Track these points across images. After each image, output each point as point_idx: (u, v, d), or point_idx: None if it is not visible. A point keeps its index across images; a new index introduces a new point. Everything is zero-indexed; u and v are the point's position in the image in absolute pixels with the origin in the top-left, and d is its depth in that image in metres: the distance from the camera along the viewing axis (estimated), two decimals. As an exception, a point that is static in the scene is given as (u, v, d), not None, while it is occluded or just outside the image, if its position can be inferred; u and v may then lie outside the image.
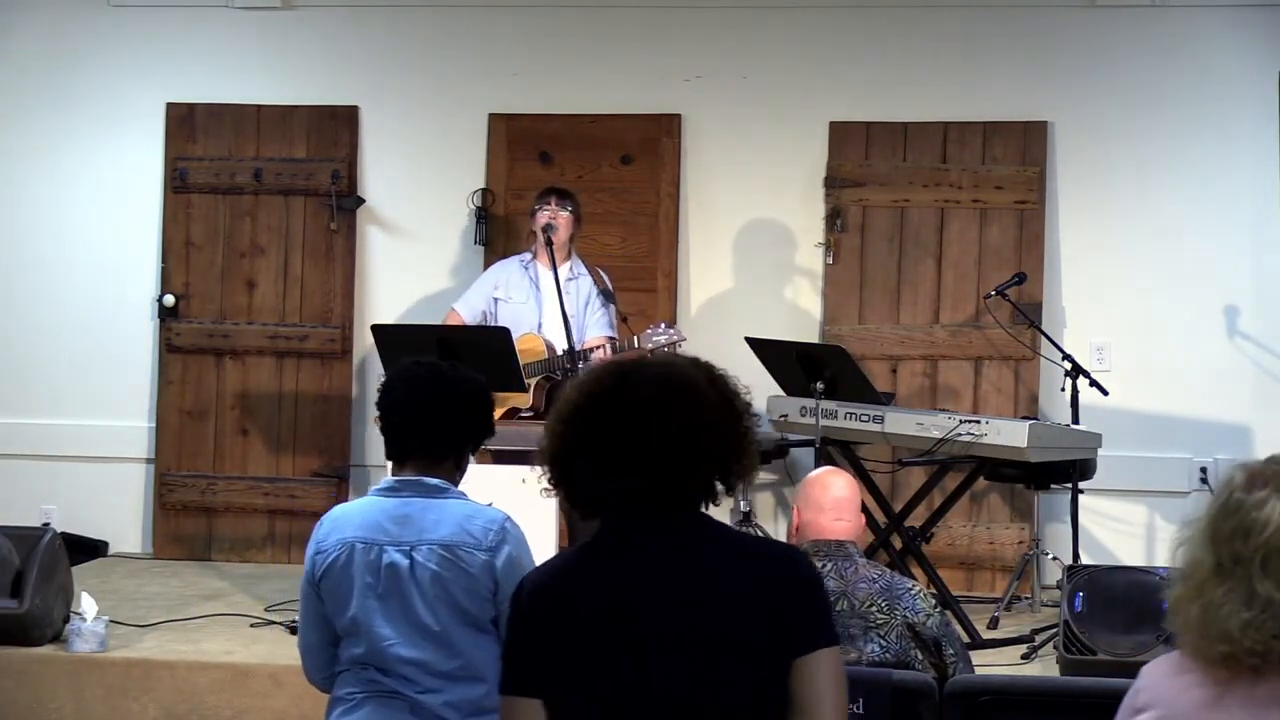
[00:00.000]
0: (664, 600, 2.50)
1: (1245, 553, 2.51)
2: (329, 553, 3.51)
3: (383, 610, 3.45)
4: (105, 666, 5.89)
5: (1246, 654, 2.49)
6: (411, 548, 3.46)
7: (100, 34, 8.13)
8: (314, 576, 3.53)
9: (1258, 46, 7.51)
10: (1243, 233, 7.55)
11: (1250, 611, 2.49)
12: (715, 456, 2.59)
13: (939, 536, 7.22)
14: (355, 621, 3.48)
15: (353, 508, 3.59)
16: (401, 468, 3.57)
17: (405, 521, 3.49)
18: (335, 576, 3.50)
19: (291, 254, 8.03)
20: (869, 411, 6.62)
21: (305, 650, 3.64)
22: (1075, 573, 5.74)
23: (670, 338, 6.57)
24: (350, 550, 3.49)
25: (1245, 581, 2.50)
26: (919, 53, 7.74)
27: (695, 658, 2.48)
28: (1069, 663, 5.58)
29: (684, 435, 2.54)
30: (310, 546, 3.57)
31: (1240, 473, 2.58)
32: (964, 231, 7.66)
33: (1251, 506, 2.52)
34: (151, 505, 8.07)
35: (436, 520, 3.48)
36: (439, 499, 3.51)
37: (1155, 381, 7.55)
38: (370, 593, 3.47)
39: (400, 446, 3.57)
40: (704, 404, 2.57)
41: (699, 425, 2.56)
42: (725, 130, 7.85)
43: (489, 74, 7.96)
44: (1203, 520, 2.59)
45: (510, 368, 6.19)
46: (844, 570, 4.13)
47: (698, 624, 2.48)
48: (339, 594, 3.50)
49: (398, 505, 3.51)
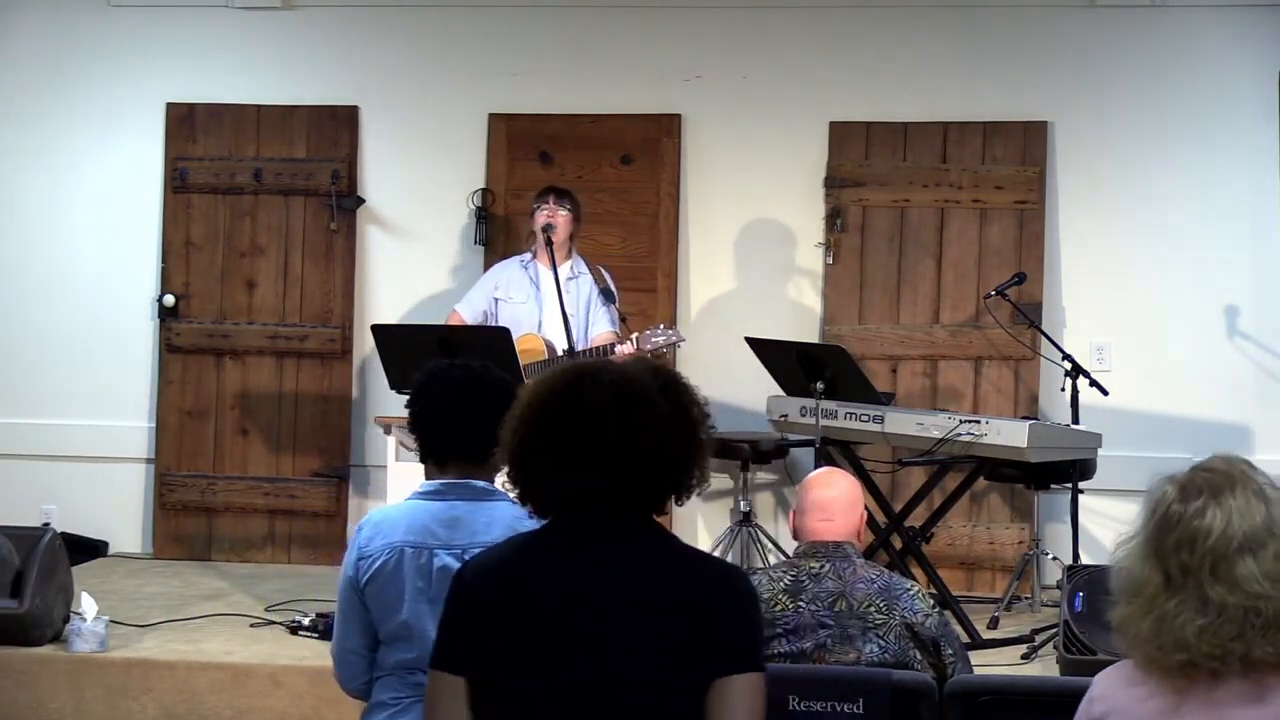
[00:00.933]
0: (602, 599, 2.53)
1: (1192, 562, 2.56)
2: (375, 557, 3.48)
3: (435, 614, 3.43)
4: (105, 666, 5.89)
5: (1205, 659, 2.54)
6: (464, 550, 3.43)
7: (100, 34, 8.13)
8: (358, 582, 3.49)
9: (1258, 46, 7.51)
10: (1243, 233, 7.55)
11: (1205, 618, 2.54)
12: (663, 465, 2.60)
13: (939, 536, 7.22)
14: (407, 626, 3.46)
15: (395, 511, 3.57)
16: (442, 470, 3.56)
17: (455, 524, 3.47)
18: (383, 581, 3.47)
19: (291, 254, 8.03)
20: (869, 411, 6.62)
21: (342, 656, 3.59)
22: (1075, 573, 5.74)
23: (669, 338, 6.57)
24: (399, 555, 3.47)
25: (1197, 590, 2.55)
26: (919, 53, 7.74)
27: (625, 659, 2.50)
28: (1069, 663, 5.58)
29: (632, 442, 2.56)
30: (351, 552, 3.53)
31: (1170, 486, 2.64)
32: (964, 231, 7.66)
33: (1191, 516, 2.59)
34: (151, 505, 8.07)
35: (487, 523, 3.47)
36: (488, 501, 3.51)
37: (1155, 381, 7.55)
38: (422, 596, 3.45)
39: (441, 449, 3.56)
40: (654, 413, 2.59)
41: (647, 433, 2.57)
42: (725, 130, 7.85)
43: (489, 74, 7.96)
44: (1139, 538, 2.65)
45: (510, 368, 6.18)
46: (842, 571, 4.13)
47: (631, 627, 2.51)
48: (386, 599, 3.48)
49: (445, 508, 3.50)
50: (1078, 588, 5.65)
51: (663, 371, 2.68)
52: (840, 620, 4.07)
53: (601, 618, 2.52)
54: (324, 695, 5.62)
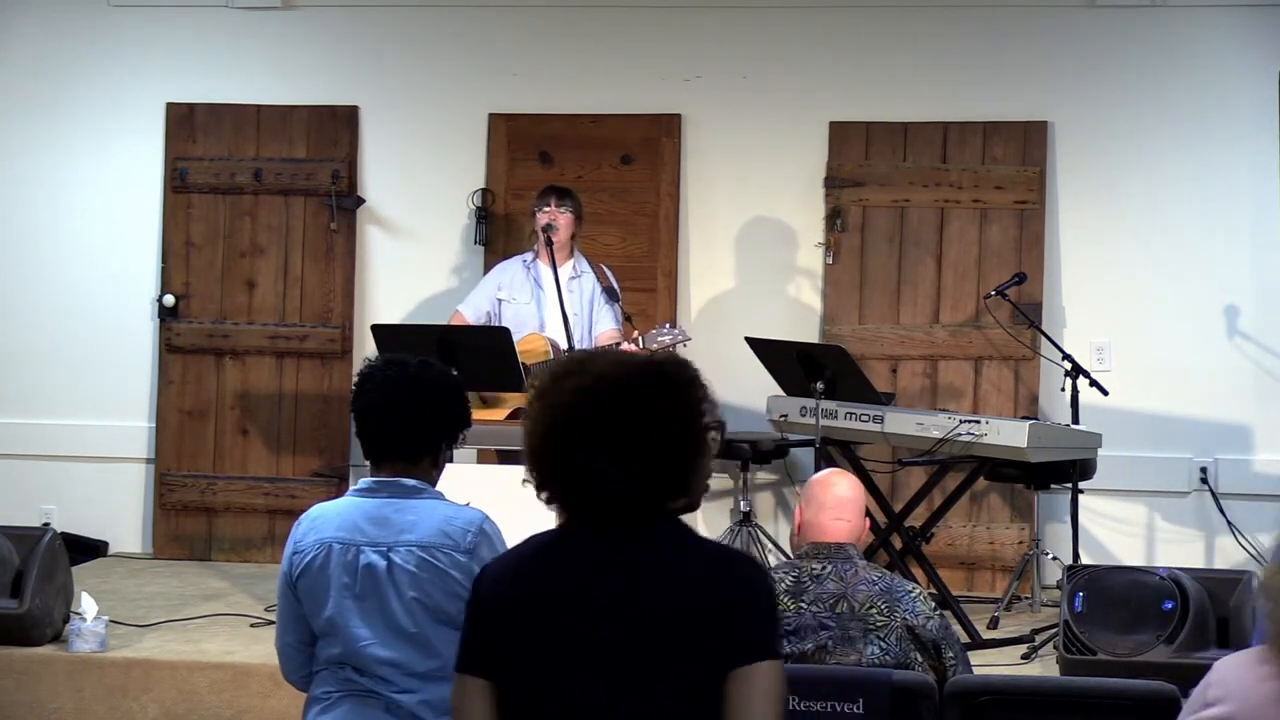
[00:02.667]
0: (614, 600, 2.53)
1: None
2: (306, 553, 3.52)
3: (359, 610, 3.46)
4: (105, 666, 5.89)
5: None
6: (389, 549, 3.46)
7: (100, 34, 8.13)
8: (291, 576, 3.53)
9: (1258, 46, 7.50)
10: (1243, 233, 7.55)
11: None
12: (676, 458, 2.58)
13: (939, 536, 7.22)
14: (332, 622, 3.48)
15: (330, 508, 3.59)
16: (379, 468, 3.57)
17: (383, 522, 3.49)
18: (312, 576, 3.50)
19: (291, 254, 8.03)
20: (869, 411, 6.62)
21: (282, 649, 3.65)
22: (1075, 573, 5.74)
23: (675, 337, 6.57)
24: (328, 551, 3.49)
25: None
26: (919, 53, 7.74)
27: (639, 659, 2.50)
28: (1069, 663, 5.58)
29: (644, 434, 2.55)
30: (288, 546, 3.58)
31: None
32: (964, 231, 7.66)
33: None
34: (151, 505, 8.07)
35: (414, 521, 3.48)
36: (416, 499, 3.52)
37: (1155, 381, 7.55)
38: (347, 593, 3.47)
39: (376, 447, 3.57)
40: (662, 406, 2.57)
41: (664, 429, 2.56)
42: (725, 130, 7.85)
43: (489, 74, 7.96)
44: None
45: (511, 368, 6.19)
46: (843, 572, 4.13)
47: (643, 626, 2.51)
48: (316, 594, 3.50)
49: (376, 506, 3.51)
50: (1078, 588, 5.65)
51: (676, 363, 2.66)
52: (841, 622, 4.07)
53: (613, 617, 2.52)
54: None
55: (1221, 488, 7.41)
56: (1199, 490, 7.45)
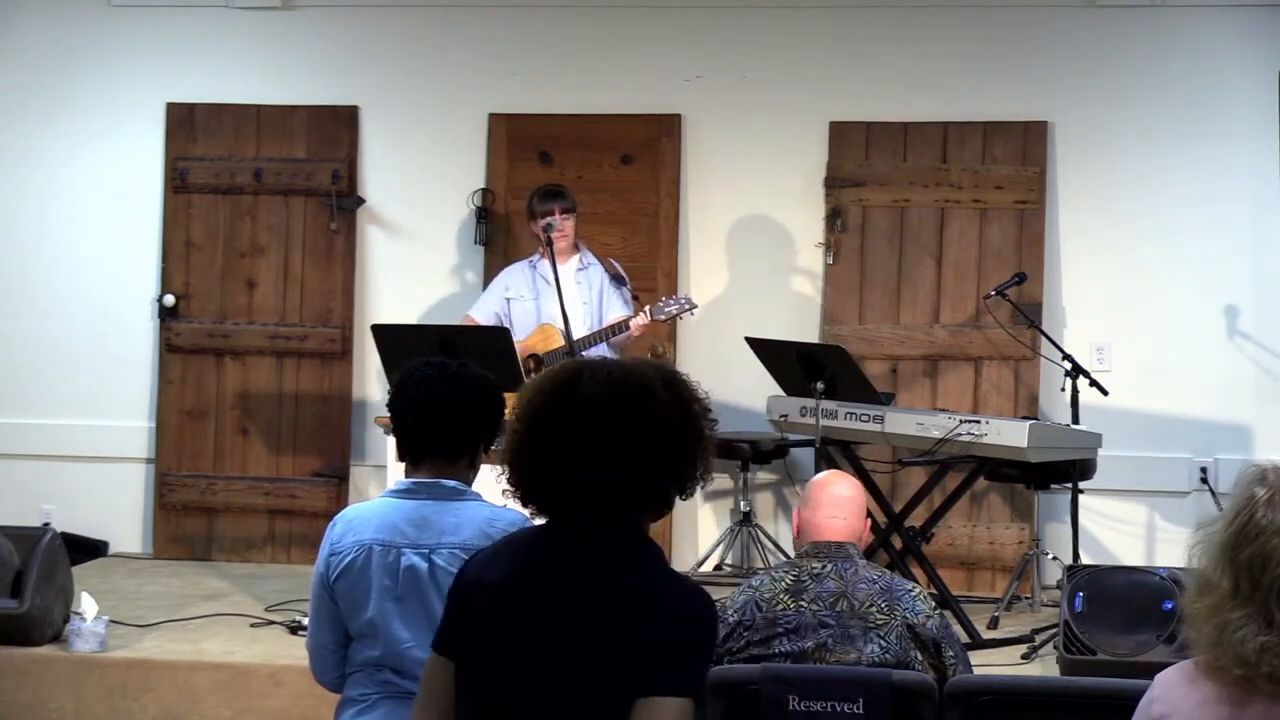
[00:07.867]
0: (560, 602, 2.54)
1: (1263, 581, 2.51)
2: (345, 554, 3.49)
3: (400, 612, 3.45)
4: (105, 666, 5.89)
5: (1264, 679, 2.50)
6: (431, 550, 3.45)
7: (100, 34, 8.13)
8: (328, 578, 3.51)
9: (1258, 46, 7.51)
10: (1243, 233, 7.55)
11: (1267, 636, 2.49)
12: (663, 461, 2.59)
13: (939, 536, 7.22)
14: (373, 624, 3.47)
15: (367, 509, 3.58)
16: (416, 469, 3.56)
17: (424, 524, 3.47)
18: (352, 578, 3.48)
19: (291, 254, 8.03)
20: (869, 411, 6.62)
21: (315, 651, 3.61)
22: (1075, 573, 5.74)
23: (681, 306, 6.65)
24: (368, 553, 3.47)
25: (1263, 608, 2.51)
26: (919, 53, 7.74)
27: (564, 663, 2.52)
28: (1069, 663, 5.58)
29: (633, 437, 2.55)
30: (324, 548, 3.55)
31: (1262, 489, 2.57)
32: (964, 231, 7.66)
33: (1272, 533, 2.52)
34: (151, 505, 8.07)
35: (456, 523, 3.47)
36: (457, 501, 3.51)
37: (1155, 381, 7.55)
38: (388, 595, 3.46)
39: (415, 447, 3.56)
40: (655, 406, 2.58)
41: (649, 428, 2.56)
42: (725, 130, 7.85)
43: (489, 74, 7.96)
44: (1219, 535, 2.57)
45: (509, 368, 6.19)
46: (844, 571, 4.14)
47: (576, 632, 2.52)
48: (355, 596, 3.49)
49: (415, 508, 3.50)
50: (1078, 588, 5.65)
51: (661, 365, 2.67)
52: (841, 620, 4.08)
53: (556, 620, 2.54)
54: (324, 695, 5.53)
55: (1221, 488, 7.40)
56: (1199, 490, 7.45)
